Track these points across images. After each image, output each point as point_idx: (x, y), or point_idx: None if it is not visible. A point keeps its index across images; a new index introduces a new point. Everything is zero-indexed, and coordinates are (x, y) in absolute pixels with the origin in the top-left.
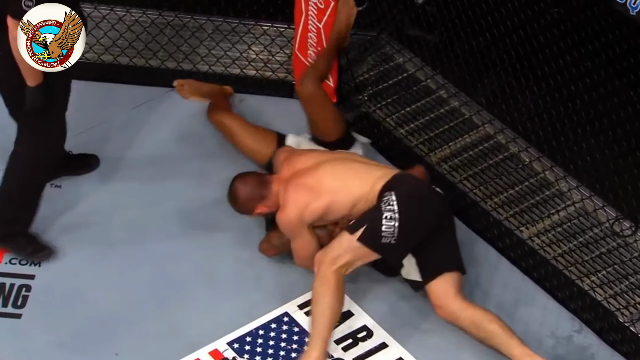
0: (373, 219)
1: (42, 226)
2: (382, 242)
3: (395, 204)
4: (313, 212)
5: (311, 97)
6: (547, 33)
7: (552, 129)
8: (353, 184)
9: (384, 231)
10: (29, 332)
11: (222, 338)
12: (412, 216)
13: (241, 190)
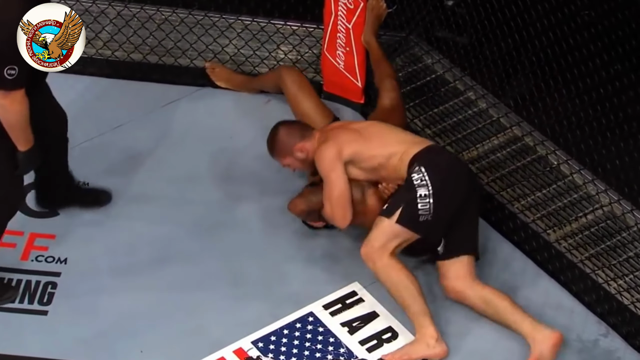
0: (408, 199)
1: (68, 222)
2: (421, 221)
3: (427, 179)
4: (351, 148)
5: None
6: (577, 36)
7: (580, 132)
8: (391, 139)
9: (420, 209)
10: (54, 328)
11: (247, 337)
12: (445, 190)
13: (282, 128)
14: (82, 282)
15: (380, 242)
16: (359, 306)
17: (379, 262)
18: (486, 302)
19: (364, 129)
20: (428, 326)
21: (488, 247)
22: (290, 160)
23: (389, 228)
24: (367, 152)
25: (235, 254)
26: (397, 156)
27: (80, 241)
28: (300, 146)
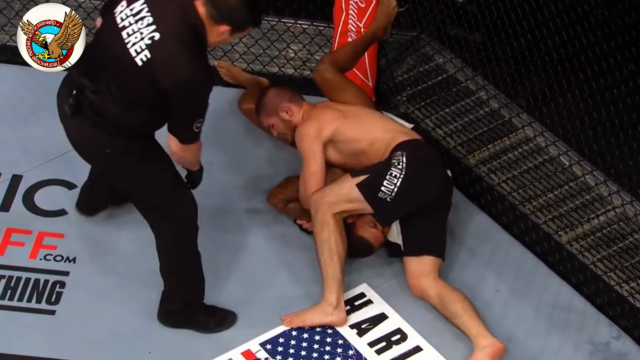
0: (378, 171)
1: (77, 221)
2: (378, 196)
3: (404, 165)
4: (331, 128)
5: (325, 82)
6: (590, 35)
7: (593, 133)
8: (377, 125)
9: (384, 185)
10: (63, 328)
11: (255, 339)
12: (415, 183)
13: (273, 89)
14: (91, 282)
15: (333, 199)
16: (367, 308)
17: (320, 214)
18: (441, 304)
19: (349, 111)
20: (332, 292)
21: (499, 248)
22: (274, 120)
23: (347, 189)
24: (348, 134)
25: (243, 254)
26: (381, 143)
27: (89, 240)
28: (286, 106)
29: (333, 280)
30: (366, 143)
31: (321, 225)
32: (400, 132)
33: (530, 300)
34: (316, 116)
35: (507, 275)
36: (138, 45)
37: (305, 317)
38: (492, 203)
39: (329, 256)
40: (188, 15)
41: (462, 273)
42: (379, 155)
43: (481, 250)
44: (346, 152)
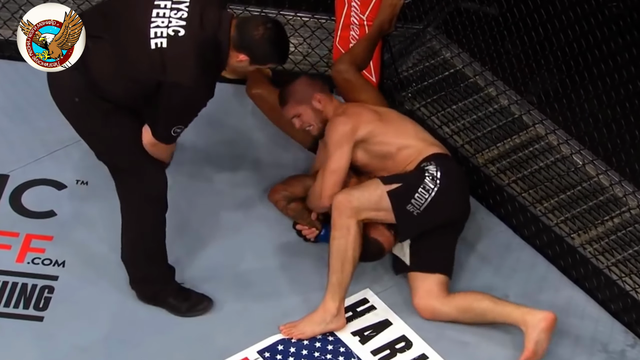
0: (411, 181)
1: (66, 223)
2: (406, 208)
3: (438, 181)
4: (368, 128)
5: (345, 83)
6: (604, 29)
7: (607, 131)
8: (410, 132)
9: (414, 198)
10: (51, 335)
11: (253, 346)
12: (445, 201)
13: (305, 77)
14: (81, 286)
15: (362, 205)
16: (370, 314)
17: (344, 219)
18: (464, 310)
19: (384, 113)
20: (335, 300)
21: (510, 252)
22: (304, 109)
23: (376, 195)
24: (381, 136)
25: (242, 259)
26: (410, 150)
27: (79, 243)
28: (320, 96)
29: (340, 288)
30: (396, 148)
31: (341, 230)
32: (432, 143)
33: (542, 306)
34: (353, 114)
35: (517, 279)
36: (161, 30)
37: (304, 330)
38: (501, 204)
39: (342, 263)
40: (220, 30)
41: (470, 278)
42: (406, 162)
43: (490, 254)
44: (374, 153)
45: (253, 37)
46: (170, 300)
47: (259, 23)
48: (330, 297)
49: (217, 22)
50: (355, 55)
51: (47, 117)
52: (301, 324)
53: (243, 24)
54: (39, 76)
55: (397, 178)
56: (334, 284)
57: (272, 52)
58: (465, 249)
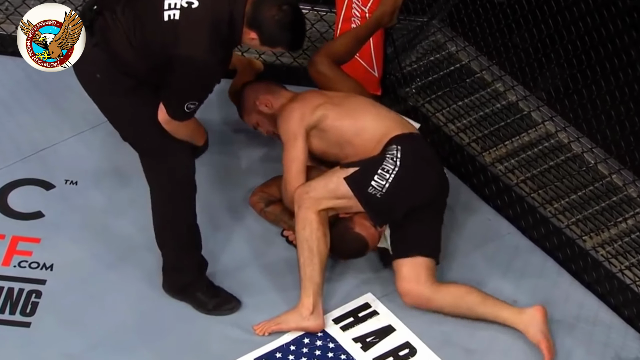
0: (369, 164)
1: (55, 225)
2: (368, 191)
3: (398, 161)
4: (317, 114)
5: (319, 76)
6: (617, 21)
7: (620, 128)
8: (368, 113)
9: (374, 180)
10: (38, 342)
11: (250, 353)
12: (409, 180)
13: (247, 87)
14: (70, 291)
15: (319, 194)
16: (373, 319)
17: (303, 211)
18: (451, 301)
19: (337, 97)
20: (309, 296)
21: (518, 255)
22: (256, 117)
23: (334, 183)
24: (333, 121)
25: (237, 263)
26: (370, 133)
27: (68, 245)
28: (263, 98)
29: (311, 282)
30: (352, 133)
31: (303, 222)
32: (395, 124)
33: (552, 312)
34: (300, 100)
35: (526, 284)
36: (174, 2)
37: (280, 321)
38: (509, 205)
39: (309, 257)
40: (235, 5)
41: (476, 281)
42: (367, 147)
43: (498, 257)
44: (329, 140)
45: (265, 16)
46: (198, 295)
47: (275, 4)
48: (303, 292)
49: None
50: (334, 48)
51: (34, 114)
52: (277, 318)
53: (258, 3)
54: (26, 72)
55: (357, 163)
56: (304, 279)
57: (282, 35)
58: (471, 252)
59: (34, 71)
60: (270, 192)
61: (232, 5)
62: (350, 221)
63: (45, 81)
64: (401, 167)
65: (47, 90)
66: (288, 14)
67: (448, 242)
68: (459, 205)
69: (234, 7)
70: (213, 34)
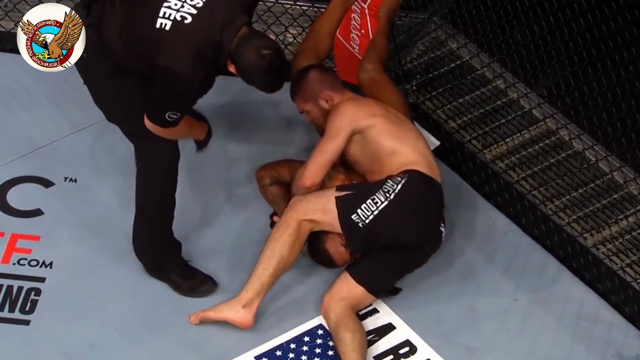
0: (364, 190)
1: (54, 222)
2: (351, 217)
3: (393, 195)
4: (370, 121)
5: (372, 82)
6: (619, 18)
7: (621, 125)
8: (408, 142)
9: (360, 208)
10: (37, 340)
11: (250, 352)
12: (393, 218)
13: (315, 71)
14: (69, 289)
15: (308, 203)
16: (373, 317)
17: (289, 214)
18: (335, 327)
19: (394, 115)
20: (248, 291)
21: (519, 252)
22: (311, 107)
23: (326, 198)
24: (378, 134)
25: (236, 260)
26: (399, 157)
27: (67, 243)
28: (328, 94)
29: (257, 280)
30: (387, 151)
31: (282, 223)
32: (425, 161)
33: (553, 310)
34: (360, 103)
35: (526, 282)
36: (170, 12)
37: (214, 309)
38: (510, 202)
39: (268, 257)
40: (226, 33)
41: (477, 279)
42: (392, 168)
43: (498, 255)
44: (366, 150)
45: (244, 56)
46: (172, 277)
47: (256, 46)
48: (245, 287)
49: (227, 23)
50: (379, 52)
51: (33, 112)
52: (215, 306)
53: (244, 39)
54: (25, 69)
55: (354, 186)
56: (253, 275)
57: (256, 77)
58: (472, 250)
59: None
60: (279, 172)
61: (223, 32)
62: (325, 234)
63: (44, 79)
64: (391, 203)
65: (45, 87)
66: (265, 59)
67: (449, 241)
68: (459, 203)
69: (223, 35)
70: (197, 53)
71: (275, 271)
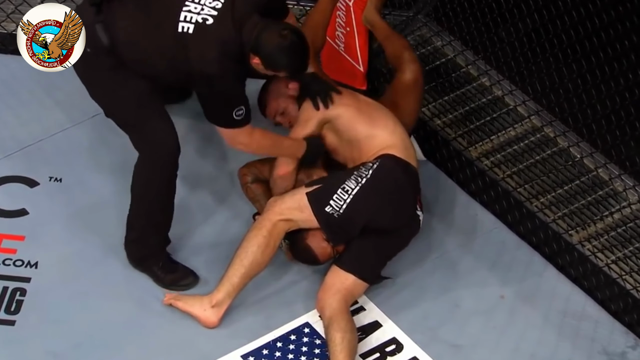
0: (332, 182)
1: (39, 222)
2: (325, 210)
3: (364, 180)
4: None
5: (415, 83)
6: (603, 15)
7: (606, 122)
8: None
9: (333, 200)
10: (23, 340)
11: (236, 350)
12: (365, 201)
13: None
14: (54, 289)
15: (283, 202)
16: (359, 315)
17: (265, 215)
18: (328, 325)
19: (366, 104)
20: (220, 292)
21: (505, 250)
22: (283, 101)
23: (300, 194)
24: (350, 120)
25: (223, 258)
26: (376, 140)
27: (53, 243)
28: (293, 84)
29: (228, 281)
30: (364, 135)
31: (256, 225)
32: (402, 146)
33: (539, 307)
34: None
35: (512, 279)
36: (191, 15)
37: (185, 300)
38: (496, 200)
39: (240, 258)
40: (246, 28)
41: (463, 277)
42: (368, 155)
43: (484, 252)
44: (343, 138)
45: (266, 41)
46: (154, 269)
47: (276, 29)
48: (217, 286)
49: (245, 21)
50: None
51: (18, 111)
52: (184, 296)
53: (262, 28)
54: (9, 69)
55: (324, 179)
56: (225, 276)
57: (281, 59)
58: (458, 247)
59: (18, 68)
60: (261, 170)
61: (242, 29)
62: (305, 232)
63: (29, 78)
64: (362, 188)
65: (31, 87)
66: (287, 38)
67: (435, 238)
68: (445, 201)
69: (243, 32)
70: (223, 51)
71: (248, 272)
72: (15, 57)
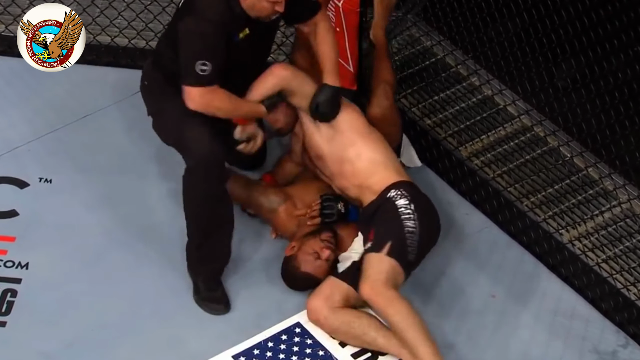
0: (396, 232)
1: (30, 223)
2: (408, 260)
3: (415, 214)
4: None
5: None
6: (592, 13)
7: (596, 121)
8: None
9: (409, 245)
10: (13, 341)
11: (227, 351)
12: (429, 234)
13: None
14: (45, 290)
15: (382, 278)
16: None
17: (387, 292)
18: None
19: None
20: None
21: (495, 249)
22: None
23: (386, 262)
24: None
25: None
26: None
27: (44, 244)
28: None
29: (436, 357)
30: (356, 152)
31: (393, 303)
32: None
33: (530, 306)
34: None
35: (503, 278)
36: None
37: None
38: (486, 199)
39: (419, 331)
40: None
41: (454, 277)
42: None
43: (475, 252)
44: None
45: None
46: (198, 280)
47: None
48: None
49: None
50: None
51: (8, 113)
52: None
53: None
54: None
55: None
56: (426, 354)
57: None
58: (449, 247)
59: (7, 69)
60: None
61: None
62: (295, 260)
63: (19, 79)
64: (421, 223)
65: (20, 88)
66: None
67: None
68: (435, 200)
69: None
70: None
71: (430, 336)
72: (3, 57)
